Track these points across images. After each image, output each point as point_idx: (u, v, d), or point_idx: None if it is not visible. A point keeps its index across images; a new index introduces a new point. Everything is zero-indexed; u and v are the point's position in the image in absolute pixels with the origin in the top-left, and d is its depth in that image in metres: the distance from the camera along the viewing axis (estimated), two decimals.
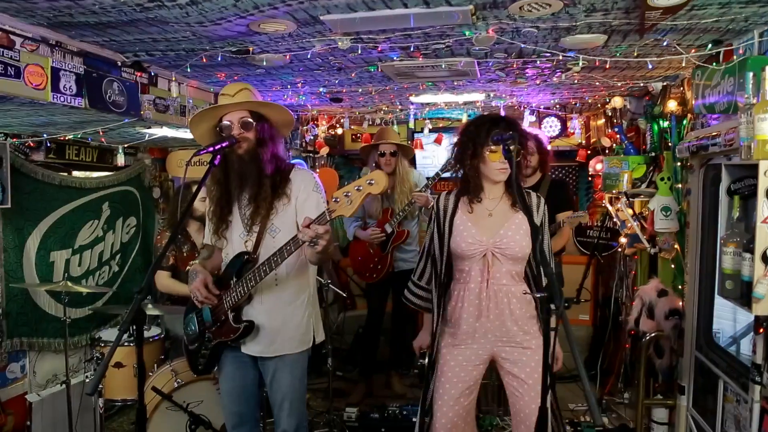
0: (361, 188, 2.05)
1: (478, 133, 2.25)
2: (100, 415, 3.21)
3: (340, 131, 5.19)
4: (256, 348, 2.42)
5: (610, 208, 4.26)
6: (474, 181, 2.31)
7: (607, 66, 2.57)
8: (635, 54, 2.69)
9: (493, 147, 2.19)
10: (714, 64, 2.56)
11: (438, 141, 5.12)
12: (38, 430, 3.46)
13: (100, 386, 3.19)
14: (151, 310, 3.46)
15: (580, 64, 2.58)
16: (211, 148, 2.21)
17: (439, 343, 2.42)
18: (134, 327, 2.00)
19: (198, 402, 3.09)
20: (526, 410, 2.31)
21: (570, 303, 4.64)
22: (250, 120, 2.34)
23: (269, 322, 2.39)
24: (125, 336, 3.35)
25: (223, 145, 2.23)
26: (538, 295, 2.05)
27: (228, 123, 2.33)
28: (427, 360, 2.50)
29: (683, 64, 2.53)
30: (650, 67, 2.59)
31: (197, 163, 4.63)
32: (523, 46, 2.60)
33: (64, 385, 3.39)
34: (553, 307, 2.00)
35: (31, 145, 3.48)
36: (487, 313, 2.32)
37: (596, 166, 4.50)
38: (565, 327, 1.65)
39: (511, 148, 1.95)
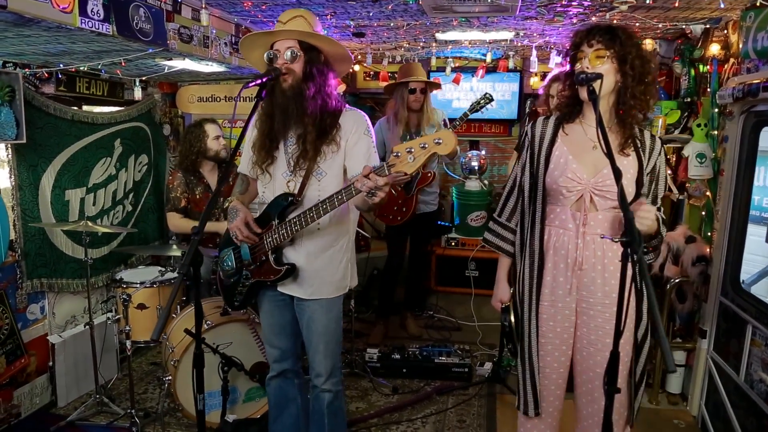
0: (426, 146, 1.87)
1: (573, 40, 1.95)
2: (128, 356, 3.17)
3: (356, 68, 4.98)
4: (294, 289, 2.37)
5: None
6: (572, 101, 2.03)
7: (677, 4, 2.43)
8: None
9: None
10: None
11: (456, 81, 4.95)
12: (61, 371, 3.43)
13: (128, 327, 3.14)
14: (174, 251, 3.38)
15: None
16: (254, 83, 2.09)
17: (531, 297, 2.12)
18: (192, 269, 1.97)
19: (227, 344, 3.07)
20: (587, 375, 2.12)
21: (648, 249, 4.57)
22: (298, 51, 2.18)
23: (308, 265, 2.33)
24: (147, 278, 3.30)
25: (264, 80, 2.10)
26: (616, 240, 1.99)
27: (275, 52, 2.18)
28: (513, 317, 2.20)
29: (748, 4, 2.41)
30: (722, 6, 2.46)
31: (209, 99, 4.47)
32: None
33: (84, 327, 3.33)
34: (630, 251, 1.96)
35: (46, 76, 3.24)
36: (578, 267, 2.03)
37: None
38: (641, 271, 1.62)
39: (595, 90, 1.79)
